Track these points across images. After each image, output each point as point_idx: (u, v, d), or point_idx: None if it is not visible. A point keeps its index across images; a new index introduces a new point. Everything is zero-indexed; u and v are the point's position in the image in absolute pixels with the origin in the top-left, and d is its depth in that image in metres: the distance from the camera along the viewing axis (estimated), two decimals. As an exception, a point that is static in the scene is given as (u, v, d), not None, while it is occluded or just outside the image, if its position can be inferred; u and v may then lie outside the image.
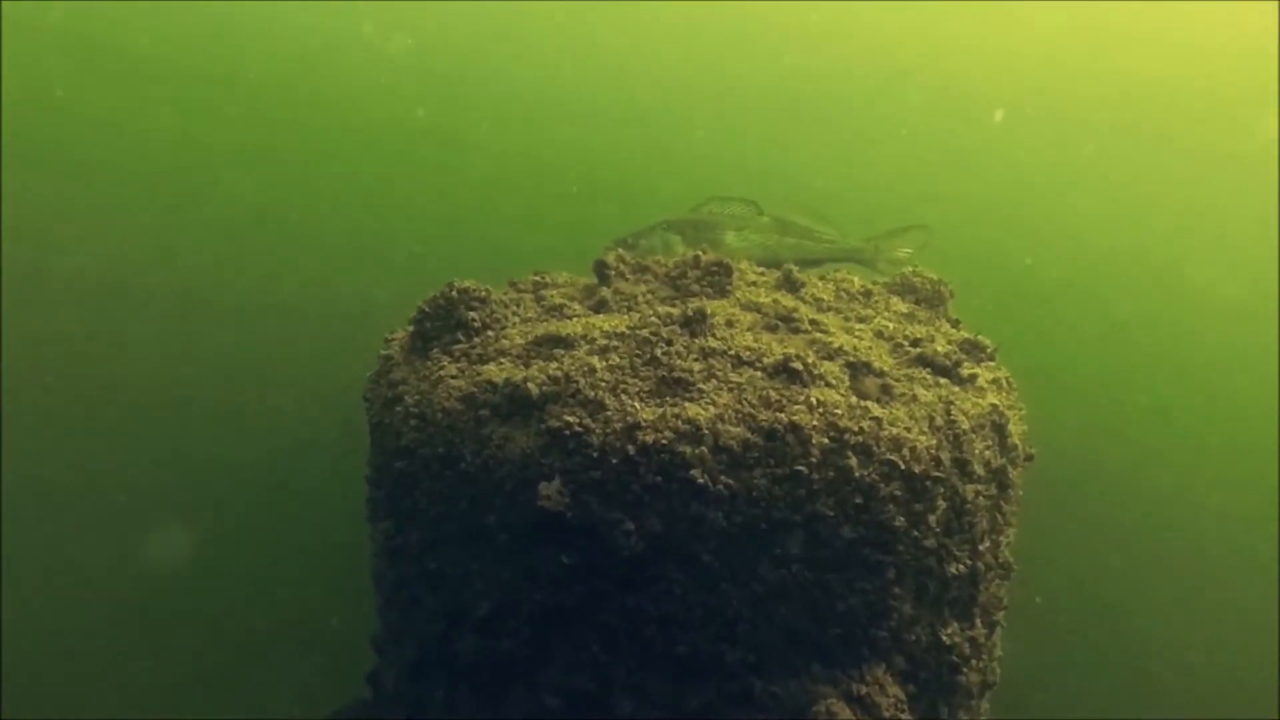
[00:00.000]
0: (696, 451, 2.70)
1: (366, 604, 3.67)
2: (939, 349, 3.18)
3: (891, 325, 3.42)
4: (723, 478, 2.69)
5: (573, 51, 9.41)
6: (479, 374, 3.05)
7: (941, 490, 2.80)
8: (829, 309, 3.54)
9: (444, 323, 3.33)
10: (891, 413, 2.87)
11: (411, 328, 3.41)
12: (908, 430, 2.81)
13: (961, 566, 2.85)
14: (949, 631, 2.87)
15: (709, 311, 3.09)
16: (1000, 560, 3.06)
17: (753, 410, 2.81)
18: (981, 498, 2.92)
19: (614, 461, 2.72)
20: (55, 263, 6.92)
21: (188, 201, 7.62)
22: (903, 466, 2.73)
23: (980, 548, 2.93)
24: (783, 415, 2.76)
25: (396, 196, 8.16)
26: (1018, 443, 3.10)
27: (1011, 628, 3.23)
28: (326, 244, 7.64)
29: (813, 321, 3.29)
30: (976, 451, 2.91)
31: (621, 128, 8.95)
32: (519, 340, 3.18)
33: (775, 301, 3.36)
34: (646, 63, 9.43)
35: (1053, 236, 8.27)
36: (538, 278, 3.84)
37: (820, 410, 2.81)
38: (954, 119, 9.04)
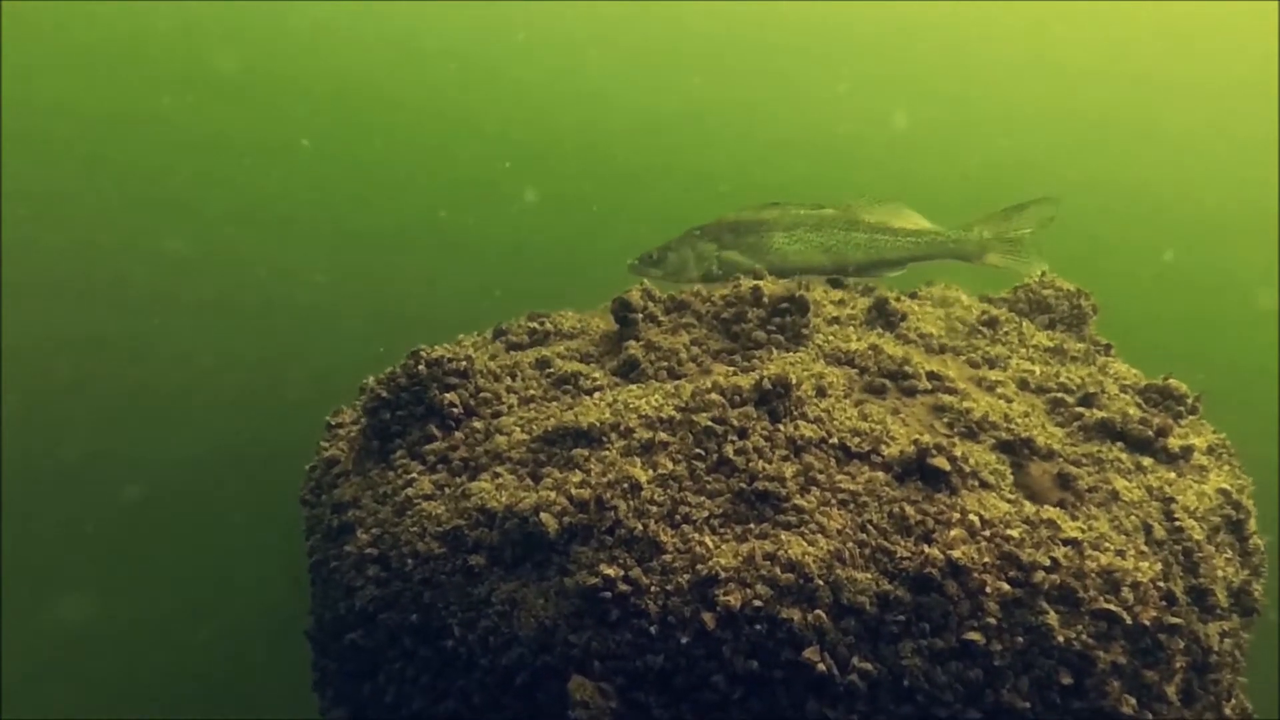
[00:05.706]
0: (809, 617, 1.74)
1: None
2: (1128, 410, 2.20)
3: (1038, 369, 2.44)
4: (855, 660, 1.73)
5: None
6: (466, 495, 2.07)
7: (1180, 644, 1.84)
8: (943, 348, 2.56)
9: (410, 411, 2.33)
10: (1089, 525, 1.91)
11: (364, 419, 2.41)
12: (1120, 555, 1.85)
13: (1208, 748, 1.90)
14: (1195, 847, 1.93)
15: (793, 380, 2.11)
16: (1243, 714, 2.12)
17: (884, 541, 1.84)
18: (1227, 640, 1.97)
19: (682, 640, 1.75)
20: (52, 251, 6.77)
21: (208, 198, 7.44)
22: (1126, 618, 1.77)
23: (1227, 711, 1.98)
24: (934, 550, 1.80)
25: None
26: (1259, 543, 2.14)
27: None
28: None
29: (931, 375, 2.31)
30: (1218, 572, 1.95)
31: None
32: (520, 435, 2.19)
33: (874, 349, 2.38)
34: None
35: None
36: (535, 324, 2.83)
37: (987, 534, 1.84)
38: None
